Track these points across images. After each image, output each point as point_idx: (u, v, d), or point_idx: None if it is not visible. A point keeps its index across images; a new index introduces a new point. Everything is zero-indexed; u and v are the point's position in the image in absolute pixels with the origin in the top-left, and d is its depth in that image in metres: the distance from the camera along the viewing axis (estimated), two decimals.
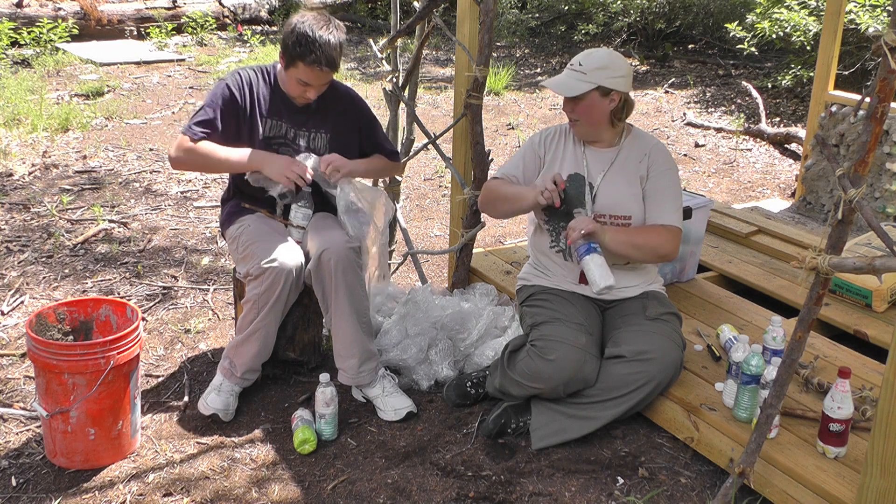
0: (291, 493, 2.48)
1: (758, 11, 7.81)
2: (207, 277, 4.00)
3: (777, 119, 7.36)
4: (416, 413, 2.87)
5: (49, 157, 5.68)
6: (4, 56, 8.29)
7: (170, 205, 4.97)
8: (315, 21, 2.75)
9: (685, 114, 7.63)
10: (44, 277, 3.91)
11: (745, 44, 7.84)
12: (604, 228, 2.66)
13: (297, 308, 2.97)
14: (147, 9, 10.44)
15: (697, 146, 6.77)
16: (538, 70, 9.70)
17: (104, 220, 4.62)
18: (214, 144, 2.82)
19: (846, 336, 3.19)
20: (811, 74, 6.96)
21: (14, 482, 2.50)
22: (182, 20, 10.49)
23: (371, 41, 4.38)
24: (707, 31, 10.07)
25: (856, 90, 6.14)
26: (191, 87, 8.03)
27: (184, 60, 9.19)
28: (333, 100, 2.98)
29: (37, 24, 9.14)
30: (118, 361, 2.47)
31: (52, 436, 2.53)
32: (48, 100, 7.02)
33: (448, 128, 3.55)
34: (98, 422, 2.50)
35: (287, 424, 2.80)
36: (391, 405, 2.85)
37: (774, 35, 7.46)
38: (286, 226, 2.94)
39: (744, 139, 6.88)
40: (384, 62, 3.76)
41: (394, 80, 3.70)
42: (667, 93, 8.45)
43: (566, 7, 11.04)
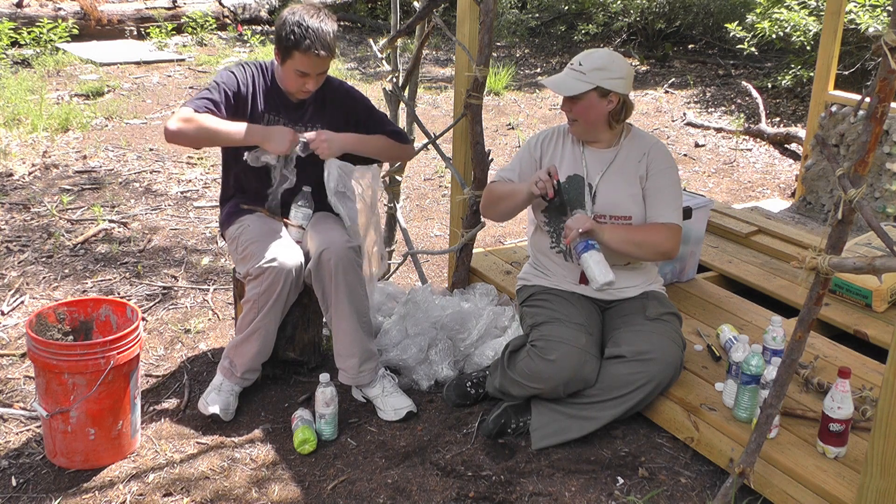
0: (291, 493, 2.48)
1: (758, 11, 7.81)
2: (207, 277, 4.00)
3: (777, 119, 7.36)
4: (416, 413, 2.87)
5: (49, 157, 5.68)
6: (4, 56, 8.29)
7: (170, 205, 4.97)
8: (305, 11, 2.77)
9: (685, 114, 7.63)
10: (44, 277, 3.91)
11: (745, 44, 7.84)
12: (602, 226, 2.66)
13: (297, 308, 2.97)
14: (147, 9, 10.43)
15: (697, 146, 6.77)
16: (538, 70, 9.70)
17: (104, 220, 4.62)
18: (215, 117, 2.79)
19: (846, 336, 3.19)
20: (811, 74, 6.96)
21: (14, 482, 2.50)
22: (182, 20, 10.49)
23: (371, 41, 4.38)
24: (707, 31, 10.07)
25: (856, 90, 6.13)
26: (191, 87, 8.03)
27: (184, 60, 9.19)
28: (329, 94, 2.98)
29: (37, 24, 9.14)
30: (118, 361, 2.47)
31: (52, 436, 2.53)
32: (48, 100, 7.02)
33: (448, 128, 3.55)
34: (98, 422, 2.50)
35: (287, 424, 2.80)
36: (391, 405, 2.85)
37: (774, 35, 7.46)
38: (286, 225, 2.94)
39: (744, 139, 6.87)
40: (384, 62, 3.76)
41: (394, 80, 3.70)
42: (667, 93, 8.45)
43: (566, 7, 11.03)
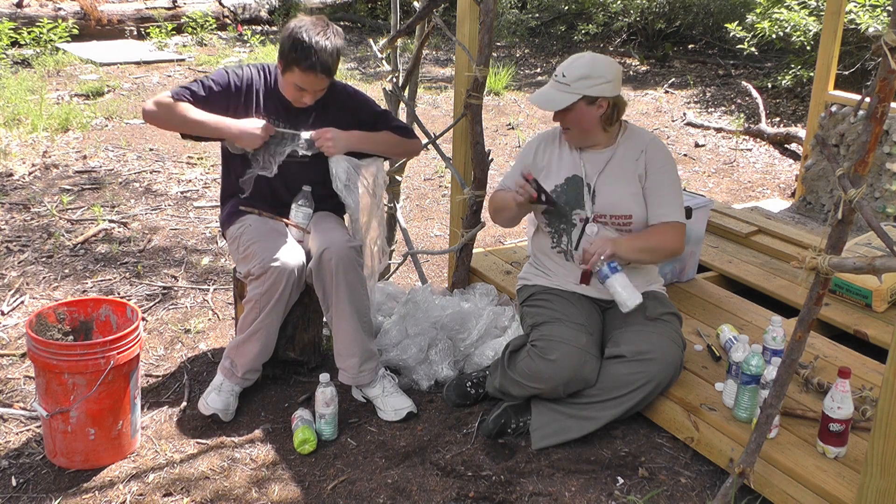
0: (291, 493, 2.48)
1: (758, 11, 7.81)
2: (207, 277, 4.00)
3: (777, 119, 7.36)
4: (417, 413, 2.87)
5: (49, 157, 5.68)
6: (4, 56, 8.29)
7: (170, 205, 4.97)
8: (312, 26, 2.74)
9: (685, 114, 7.63)
10: (44, 277, 3.91)
11: (745, 44, 7.84)
12: (618, 242, 2.66)
13: (298, 308, 2.97)
14: (147, 9, 10.44)
15: (697, 146, 6.77)
16: (538, 70, 9.70)
17: (104, 220, 4.62)
18: (192, 106, 2.81)
19: (846, 336, 3.19)
20: (811, 74, 6.96)
21: (14, 482, 2.50)
22: (182, 20, 10.49)
23: (371, 41, 4.38)
24: (707, 31, 10.07)
25: (856, 90, 6.13)
26: None
27: (184, 60, 9.19)
28: (332, 98, 2.97)
29: (37, 24, 9.14)
30: (118, 361, 2.47)
31: (52, 436, 2.53)
32: (48, 100, 7.02)
33: (448, 128, 3.55)
34: (98, 422, 2.50)
35: (287, 424, 2.80)
36: (391, 405, 2.85)
37: (774, 35, 7.46)
38: (286, 225, 2.94)
39: (744, 139, 6.87)
40: (384, 62, 3.76)
41: (394, 80, 3.70)
42: (667, 93, 8.45)
43: (566, 7, 11.03)
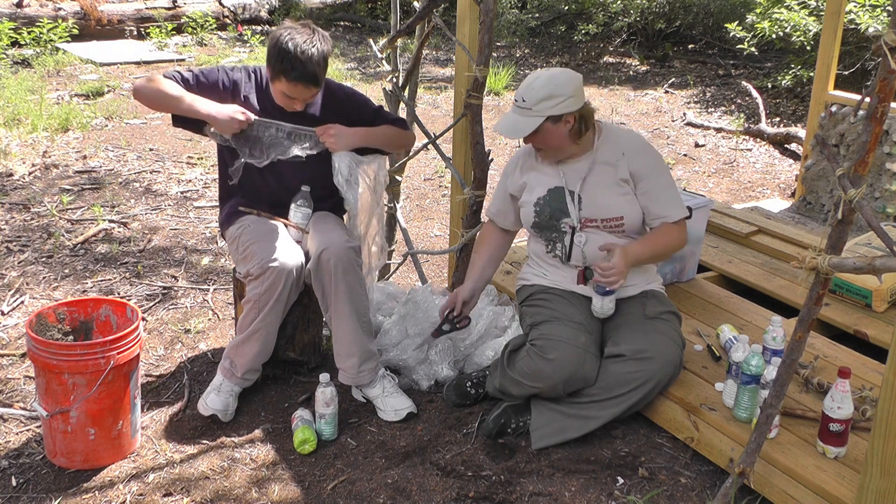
0: (291, 493, 2.48)
1: (758, 11, 7.81)
2: (207, 277, 4.00)
3: (777, 119, 7.36)
4: (417, 413, 2.87)
5: (49, 157, 5.68)
6: (4, 56, 8.29)
7: (170, 205, 4.97)
8: (298, 34, 2.73)
9: (685, 114, 7.63)
10: (44, 277, 3.91)
11: (745, 44, 7.84)
12: (629, 254, 2.65)
13: (297, 308, 2.97)
14: (147, 9, 10.44)
15: (697, 146, 6.77)
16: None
17: (104, 220, 4.62)
18: (175, 84, 2.83)
19: (846, 336, 3.19)
20: (811, 74, 6.96)
21: (14, 482, 2.50)
22: (182, 20, 10.49)
23: (371, 41, 4.38)
24: (707, 31, 10.08)
25: (856, 90, 6.13)
26: None
27: (184, 60, 9.19)
28: (329, 100, 2.98)
29: (37, 24, 9.14)
30: (118, 361, 2.47)
31: (52, 436, 2.53)
32: (48, 100, 7.02)
33: (448, 128, 3.55)
34: (98, 422, 2.50)
35: (287, 424, 2.80)
36: (391, 405, 2.85)
37: (774, 35, 7.46)
38: (286, 225, 2.94)
39: (744, 139, 6.87)
40: (384, 62, 3.76)
41: (394, 80, 3.70)
42: (667, 93, 8.45)
43: (566, 7, 11.03)
